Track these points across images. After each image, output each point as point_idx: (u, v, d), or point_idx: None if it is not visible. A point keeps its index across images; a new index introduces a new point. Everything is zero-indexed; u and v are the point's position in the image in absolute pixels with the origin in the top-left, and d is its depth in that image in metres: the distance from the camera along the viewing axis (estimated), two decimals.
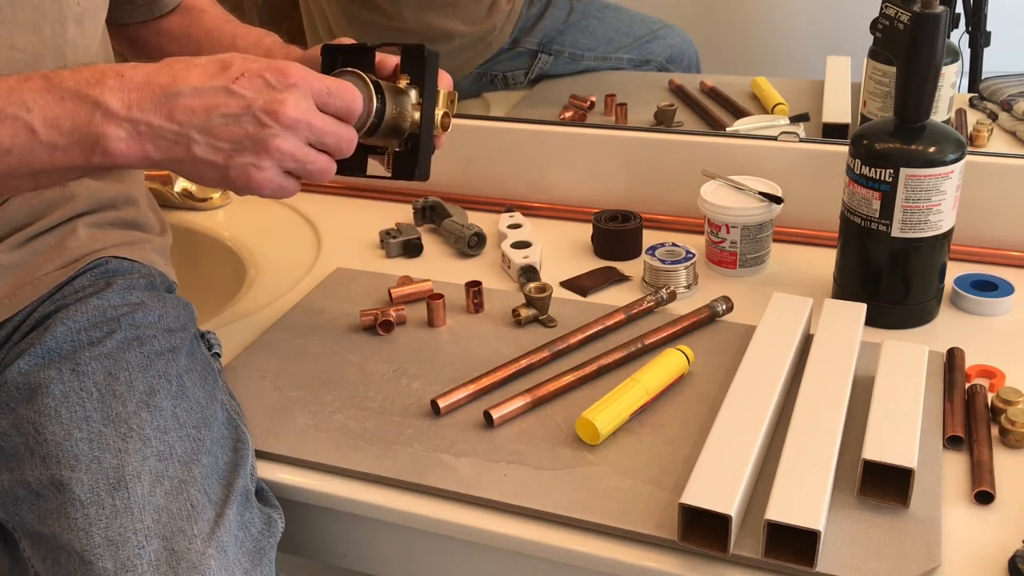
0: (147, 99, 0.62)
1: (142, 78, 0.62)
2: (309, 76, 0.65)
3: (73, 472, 0.67)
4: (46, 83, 0.62)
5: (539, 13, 1.32)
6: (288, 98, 0.63)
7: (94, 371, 0.72)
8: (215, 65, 0.63)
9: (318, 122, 0.65)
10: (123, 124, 0.62)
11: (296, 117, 0.64)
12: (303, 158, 0.66)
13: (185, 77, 0.62)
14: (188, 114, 0.62)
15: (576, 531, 0.70)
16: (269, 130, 0.64)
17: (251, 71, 0.63)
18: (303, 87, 0.64)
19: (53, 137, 0.62)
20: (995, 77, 1.16)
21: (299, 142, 0.65)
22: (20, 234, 0.79)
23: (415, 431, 0.79)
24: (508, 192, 1.22)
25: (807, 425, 0.71)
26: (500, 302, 0.98)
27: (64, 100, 0.61)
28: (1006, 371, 0.83)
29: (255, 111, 0.63)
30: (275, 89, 0.63)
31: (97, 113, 0.61)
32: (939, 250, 0.89)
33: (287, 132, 0.64)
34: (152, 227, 0.91)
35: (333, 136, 0.67)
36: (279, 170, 0.66)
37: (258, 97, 0.63)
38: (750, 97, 1.25)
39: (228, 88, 0.63)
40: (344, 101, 0.67)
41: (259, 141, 0.64)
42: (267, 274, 1.10)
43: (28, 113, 0.61)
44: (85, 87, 0.61)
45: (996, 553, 0.65)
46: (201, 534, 0.65)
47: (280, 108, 0.63)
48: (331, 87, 0.66)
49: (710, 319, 0.92)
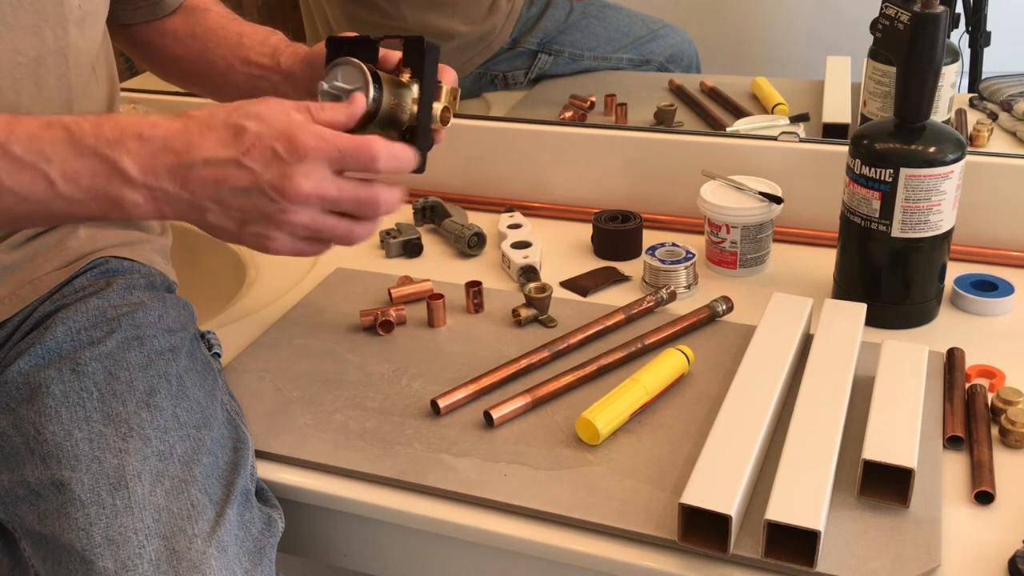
0: (162, 166, 0.62)
1: (160, 142, 0.62)
2: (322, 143, 0.63)
3: (73, 472, 0.67)
4: (67, 135, 0.61)
5: (539, 13, 1.32)
6: (296, 172, 0.62)
7: (94, 371, 0.73)
8: (228, 131, 0.62)
9: (332, 192, 0.64)
10: (140, 189, 0.62)
11: (306, 192, 0.63)
12: (319, 228, 0.65)
13: (200, 145, 0.62)
14: (200, 185, 0.62)
15: (576, 531, 0.70)
16: (277, 205, 0.63)
17: (262, 141, 0.62)
18: (315, 157, 0.63)
19: (71, 192, 0.62)
20: (995, 77, 1.16)
21: (313, 213, 0.64)
22: (21, 234, 0.79)
23: (415, 431, 0.79)
24: (508, 192, 1.22)
25: (807, 425, 0.71)
26: (500, 302, 0.98)
27: (84, 156, 0.61)
28: (1006, 371, 0.83)
29: (263, 185, 0.62)
30: (285, 162, 0.62)
31: (115, 177, 0.62)
32: (939, 250, 0.89)
33: (297, 206, 0.63)
34: (152, 227, 0.91)
35: (352, 202, 0.65)
36: (293, 239, 0.66)
37: (266, 171, 0.62)
38: (750, 97, 1.25)
39: (238, 160, 0.62)
40: (362, 160, 0.64)
41: (268, 215, 0.64)
42: (267, 274, 1.10)
43: (47, 164, 0.61)
44: (105, 147, 0.61)
45: (996, 553, 0.65)
46: (201, 534, 0.65)
47: (287, 184, 0.62)
48: (345, 149, 0.64)
49: (710, 319, 0.92)
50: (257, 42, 0.88)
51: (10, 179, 0.61)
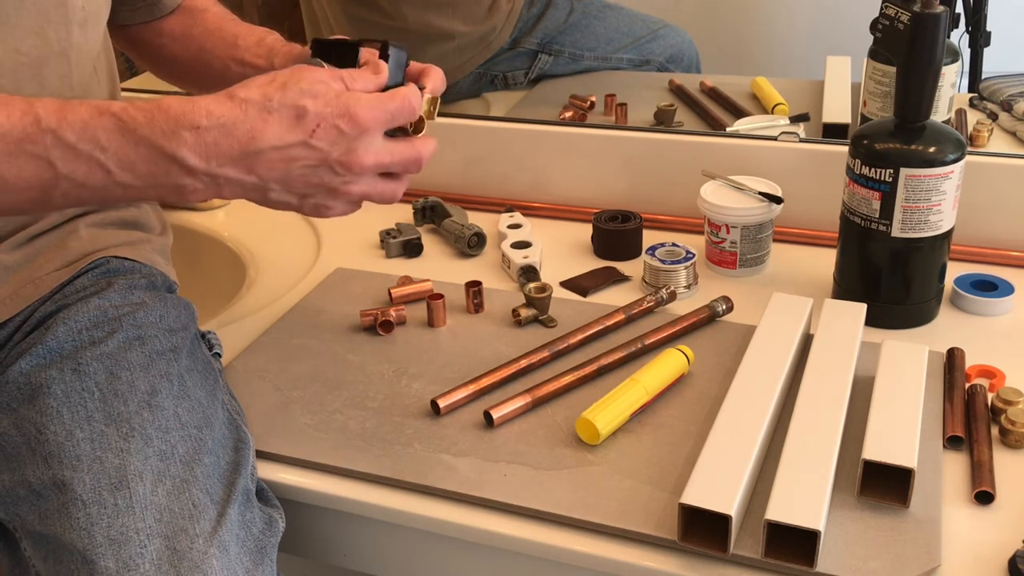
0: (226, 154, 0.62)
1: (219, 131, 0.62)
2: (377, 114, 0.66)
3: (75, 472, 0.67)
4: (119, 124, 0.62)
5: (539, 13, 1.32)
6: (360, 146, 0.66)
7: (95, 371, 0.73)
8: (290, 113, 0.63)
9: (387, 158, 0.68)
10: (201, 177, 0.63)
11: (369, 164, 0.67)
12: (371, 193, 0.69)
13: (263, 132, 0.63)
14: (268, 169, 0.64)
15: (576, 531, 0.70)
16: (342, 178, 0.67)
17: (326, 121, 0.64)
18: (374, 128, 0.66)
19: (129, 179, 0.63)
20: (995, 77, 1.16)
21: (371, 180, 0.68)
22: (22, 234, 0.79)
23: (415, 431, 0.79)
24: (508, 192, 1.22)
25: (807, 425, 0.71)
26: (500, 302, 0.98)
27: (139, 147, 0.62)
28: (1006, 371, 0.83)
29: (331, 163, 0.65)
30: (349, 137, 0.65)
31: (175, 166, 0.62)
32: (939, 250, 0.89)
33: (359, 177, 0.67)
34: (153, 227, 0.91)
35: (401, 164, 0.69)
36: (348, 204, 0.70)
37: (333, 149, 0.65)
38: (750, 97, 1.25)
39: (306, 142, 0.64)
40: (406, 114, 0.68)
41: (332, 188, 0.67)
42: (267, 274, 1.10)
43: (103, 153, 0.61)
44: (160, 139, 0.61)
45: (996, 553, 0.65)
46: (203, 533, 0.65)
47: (354, 159, 0.66)
48: (394, 111, 0.67)
49: (710, 319, 0.92)
50: (253, 43, 0.89)
51: (66, 167, 0.62)
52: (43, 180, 0.62)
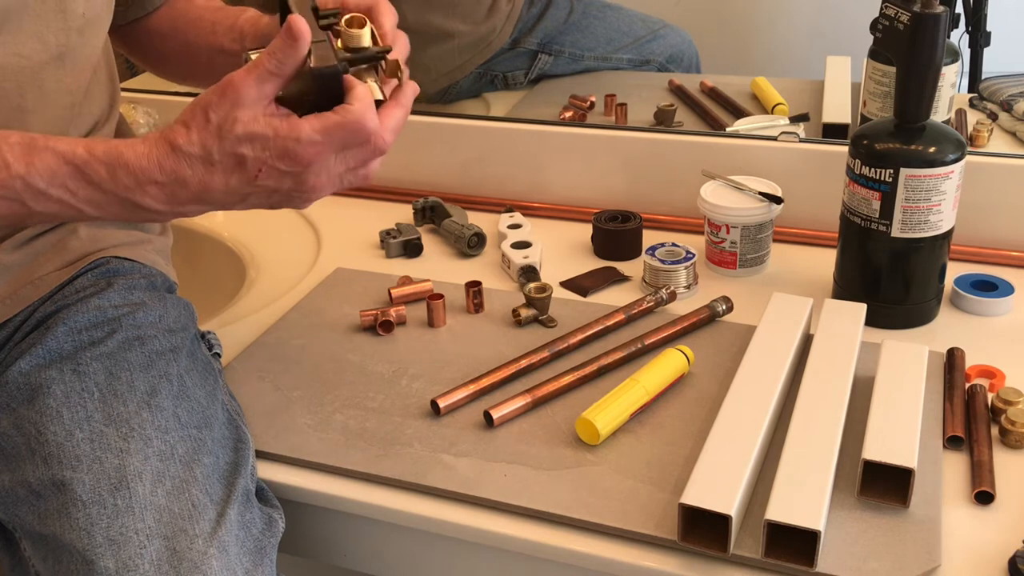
0: (186, 200, 0.65)
1: (174, 185, 0.64)
2: (322, 148, 0.63)
3: (75, 472, 0.67)
4: (82, 175, 0.64)
5: (539, 13, 1.32)
6: (310, 177, 0.65)
7: (95, 371, 0.73)
8: (230, 163, 0.63)
9: (342, 167, 0.66)
10: (167, 216, 0.67)
11: (323, 184, 0.66)
12: (341, 190, 0.69)
13: (211, 184, 0.64)
14: (225, 201, 0.66)
15: (576, 531, 0.70)
16: (300, 196, 0.67)
17: (266, 165, 0.63)
18: (319, 159, 0.64)
19: (99, 215, 0.66)
20: (995, 77, 1.16)
21: (334, 184, 0.67)
22: (22, 234, 0.79)
23: (415, 431, 0.79)
24: (508, 192, 1.22)
25: (807, 425, 0.71)
26: (500, 302, 0.98)
27: (106, 194, 0.64)
28: (1006, 371, 0.83)
29: (284, 191, 0.66)
30: (295, 173, 0.64)
31: (141, 210, 0.65)
32: (939, 250, 0.89)
33: (318, 192, 0.67)
34: (153, 227, 0.91)
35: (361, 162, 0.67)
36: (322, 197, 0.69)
37: (282, 183, 0.65)
38: (750, 97, 1.25)
39: (253, 184, 0.64)
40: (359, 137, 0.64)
41: (294, 202, 0.68)
42: (267, 274, 1.10)
43: (73, 197, 0.64)
44: (125, 192, 0.64)
45: (996, 553, 0.65)
46: (203, 534, 0.65)
47: (306, 186, 0.66)
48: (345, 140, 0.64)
49: (710, 319, 0.92)
50: (227, 28, 0.87)
51: (39, 206, 0.64)
52: (18, 215, 0.65)
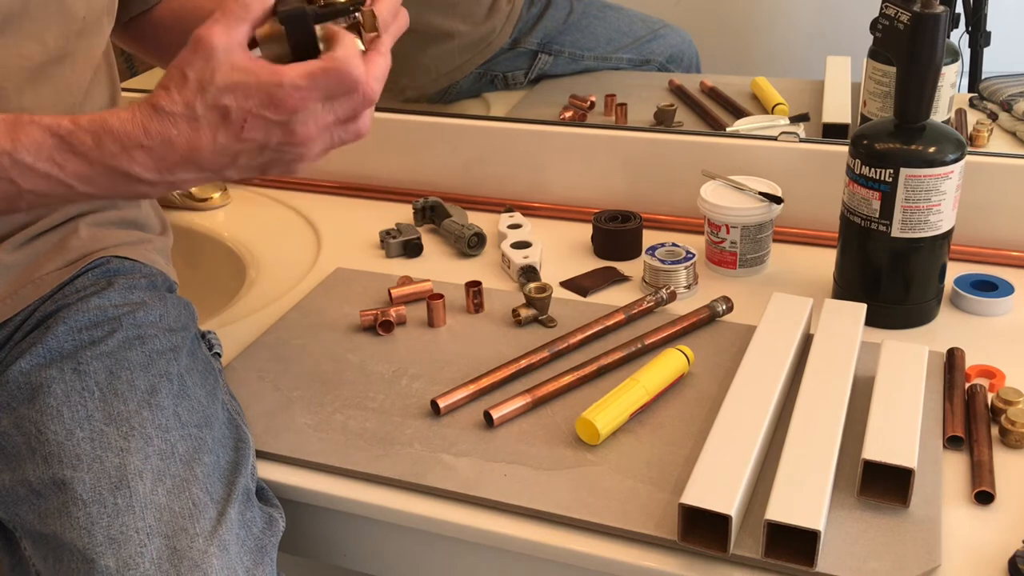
0: (175, 164, 0.63)
1: (161, 147, 0.62)
2: (307, 93, 0.62)
3: (75, 471, 0.67)
4: (71, 147, 0.62)
5: (539, 13, 1.32)
6: (297, 126, 0.63)
7: (95, 370, 0.73)
8: (215, 117, 0.62)
9: (331, 118, 0.65)
10: (157, 184, 0.64)
11: (314, 133, 0.64)
12: (332, 146, 0.67)
13: (198, 142, 0.62)
14: (215, 162, 0.64)
15: (576, 531, 0.70)
16: (293, 152, 0.65)
17: (251, 114, 0.62)
18: (303, 106, 0.63)
19: (90, 190, 0.64)
20: (995, 77, 1.16)
21: (325, 139, 0.65)
22: (22, 233, 0.79)
23: (415, 431, 0.79)
24: (508, 192, 1.22)
25: (807, 425, 0.71)
26: (500, 302, 0.98)
27: (94, 165, 0.63)
28: (1006, 371, 0.83)
29: (272, 146, 0.64)
30: (282, 123, 0.63)
31: (131, 180, 0.63)
32: (939, 250, 0.89)
33: (309, 144, 0.65)
34: (153, 227, 0.91)
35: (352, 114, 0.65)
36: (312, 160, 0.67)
37: (269, 137, 0.63)
38: (750, 97, 1.25)
39: (240, 138, 0.63)
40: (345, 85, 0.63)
41: (286, 162, 0.66)
42: (267, 274, 1.10)
43: (61, 171, 0.62)
44: (112, 160, 0.62)
45: (996, 553, 0.65)
46: (203, 533, 0.65)
47: (295, 137, 0.64)
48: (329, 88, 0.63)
49: (710, 319, 0.92)
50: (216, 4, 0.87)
51: (28, 183, 0.63)
52: (7, 194, 0.63)
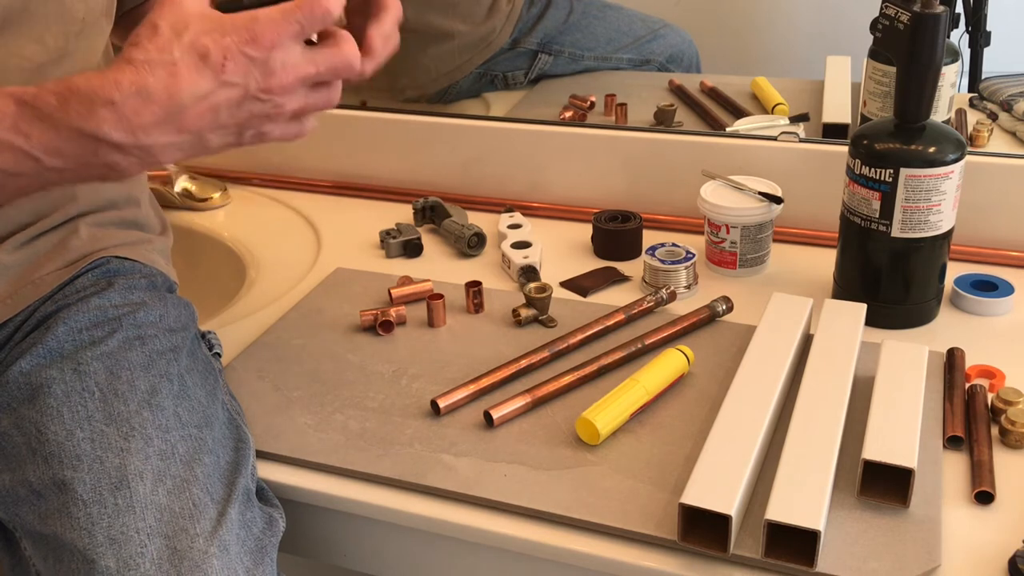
0: (151, 123, 0.60)
1: (135, 100, 0.60)
2: (283, 27, 0.61)
3: (75, 472, 0.67)
4: (35, 112, 0.60)
5: (539, 13, 1.32)
6: (276, 66, 0.62)
7: (96, 371, 0.73)
8: (194, 59, 0.60)
9: (311, 70, 0.63)
10: (131, 150, 0.61)
11: (291, 82, 0.63)
12: (306, 107, 0.65)
13: (178, 86, 0.60)
14: (196, 122, 0.61)
15: (576, 531, 0.70)
16: (270, 103, 0.63)
17: (231, 52, 0.61)
18: (284, 42, 0.61)
19: (59, 164, 0.61)
20: (995, 77, 1.16)
21: (301, 96, 0.64)
22: (22, 234, 0.79)
23: (415, 431, 0.79)
24: (508, 192, 1.22)
25: (807, 425, 0.71)
26: (500, 302, 0.98)
27: (61, 131, 0.60)
28: (1006, 371, 0.83)
29: (253, 94, 0.62)
30: (261, 61, 0.61)
31: (101, 145, 0.60)
32: (939, 250, 0.89)
33: (287, 96, 0.63)
34: (153, 227, 0.91)
35: (329, 72, 0.64)
36: (285, 124, 0.66)
37: (249, 79, 0.61)
38: (750, 97, 1.25)
39: (221, 81, 0.61)
40: (319, 19, 0.62)
41: (263, 116, 0.64)
42: (267, 274, 1.10)
43: (27, 141, 0.60)
44: (79, 120, 0.59)
45: (996, 553, 0.65)
46: (203, 533, 0.65)
47: (274, 81, 0.62)
48: (304, 20, 0.62)
49: (710, 319, 0.92)
50: None
51: None
52: None
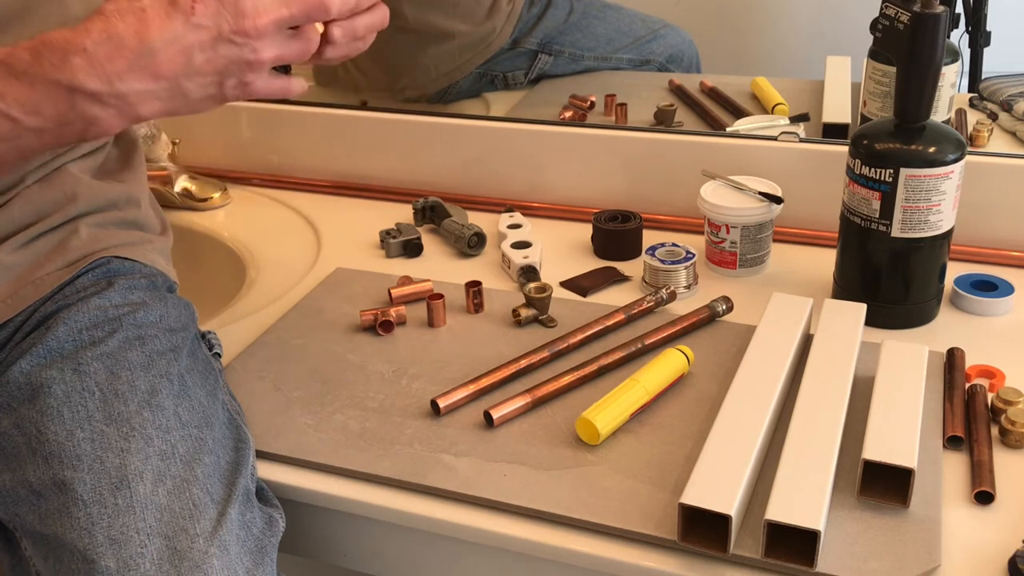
0: (124, 69, 0.59)
1: (106, 45, 0.59)
2: None
3: (75, 472, 0.67)
4: (8, 69, 0.59)
5: (539, 13, 1.32)
6: (246, 8, 0.61)
7: (96, 371, 0.73)
8: (163, 4, 0.60)
9: (285, 12, 0.63)
10: (109, 99, 0.60)
11: (265, 24, 0.62)
12: (285, 55, 0.64)
13: (147, 30, 0.59)
14: (169, 66, 0.61)
15: (576, 531, 0.70)
16: (246, 47, 0.62)
17: None
18: None
19: (38, 123, 0.60)
20: (995, 77, 1.16)
21: (278, 43, 0.63)
22: (23, 234, 0.79)
23: (415, 431, 0.79)
24: (508, 192, 1.22)
25: (807, 425, 0.71)
26: (500, 302, 0.98)
27: (35, 85, 0.59)
28: (1006, 371, 0.83)
29: (226, 36, 0.61)
30: (230, 4, 0.60)
31: (78, 96, 0.59)
32: (939, 250, 0.89)
33: (262, 41, 0.62)
34: (154, 227, 0.91)
35: (304, 15, 0.64)
36: (270, 75, 0.65)
37: (221, 21, 0.61)
38: (750, 97, 1.25)
39: (191, 23, 0.60)
40: None
41: (241, 62, 0.63)
42: (267, 274, 1.10)
43: (2, 101, 0.59)
44: (53, 72, 0.59)
45: (996, 553, 0.65)
46: (203, 533, 0.65)
47: (247, 23, 0.61)
48: None
49: (710, 319, 0.92)
50: None
51: None
52: None
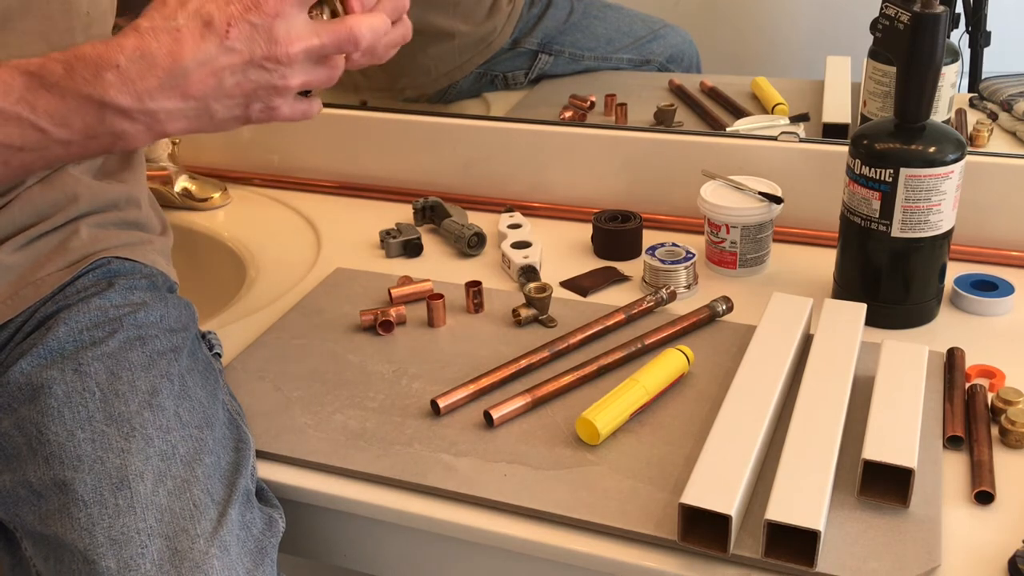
0: (155, 87, 0.61)
1: (139, 64, 0.60)
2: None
3: (76, 472, 0.67)
4: (41, 81, 0.60)
5: (540, 13, 1.32)
6: (279, 34, 0.62)
7: (96, 371, 0.73)
8: (198, 25, 0.61)
9: (315, 42, 0.64)
10: (138, 116, 0.61)
11: (296, 52, 0.63)
12: (312, 82, 0.66)
13: (181, 51, 0.60)
14: (201, 87, 0.62)
15: (576, 531, 0.70)
16: (275, 74, 0.63)
17: (235, 19, 0.61)
18: (288, 10, 0.62)
19: (65, 135, 0.61)
20: (995, 77, 1.16)
21: (305, 69, 0.64)
22: (23, 235, 0.79)
23: (415, 431, 0.79)
24: (508, 192, 1.22)
25: (807, 425, 0.71)
26: (500, 302, 0.98)
27: (67, 99, 0.60)
28: (1006, 371, 0.83)
29: (257, 61, 0.62)
30: (264, 28, 0.61)
31: (107, 112, 0.60)
32: (939, 250, 0.89)
33: (291, 68, 0.63)
34: (154, 227, 0.91)
35: (334, 46, 0.65)
36: (294, 101, 0.66)
37: (254, 46, 0.62)
38: (750, 97, 1.25)
39: (225, 47, 0.61)
40: None
41: (269, 87, 0.64)
42: (267, 274, 1.10)
43: (33, 112, 0.60)
44: (84, 86, 0.60)
45: (996, 553, 0.65)
46: (204, 533, 0.65)
47: (279, 49, 0.62)
48: None
49: (710, 319, 0.92)
50: None
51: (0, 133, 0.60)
52: None
